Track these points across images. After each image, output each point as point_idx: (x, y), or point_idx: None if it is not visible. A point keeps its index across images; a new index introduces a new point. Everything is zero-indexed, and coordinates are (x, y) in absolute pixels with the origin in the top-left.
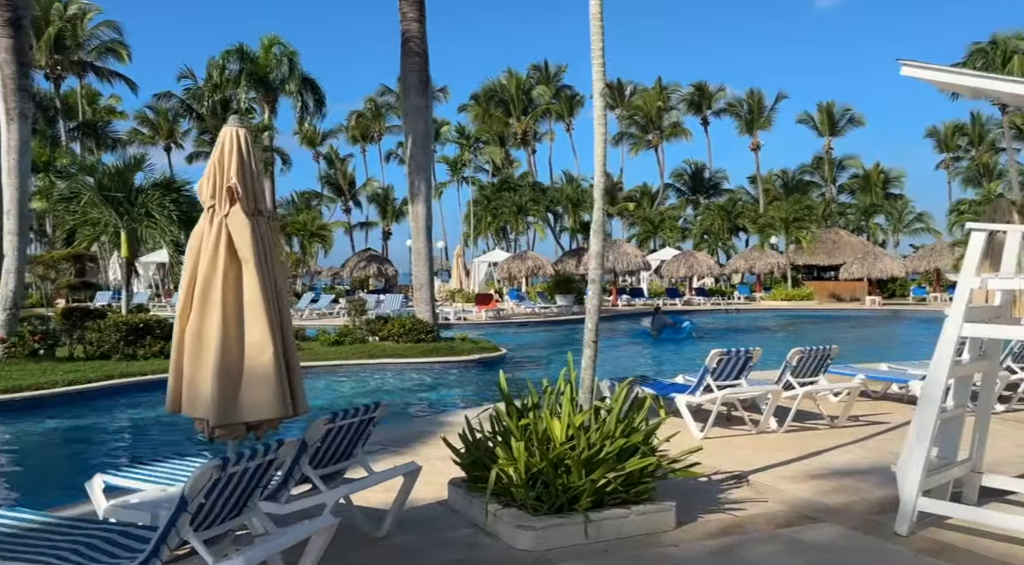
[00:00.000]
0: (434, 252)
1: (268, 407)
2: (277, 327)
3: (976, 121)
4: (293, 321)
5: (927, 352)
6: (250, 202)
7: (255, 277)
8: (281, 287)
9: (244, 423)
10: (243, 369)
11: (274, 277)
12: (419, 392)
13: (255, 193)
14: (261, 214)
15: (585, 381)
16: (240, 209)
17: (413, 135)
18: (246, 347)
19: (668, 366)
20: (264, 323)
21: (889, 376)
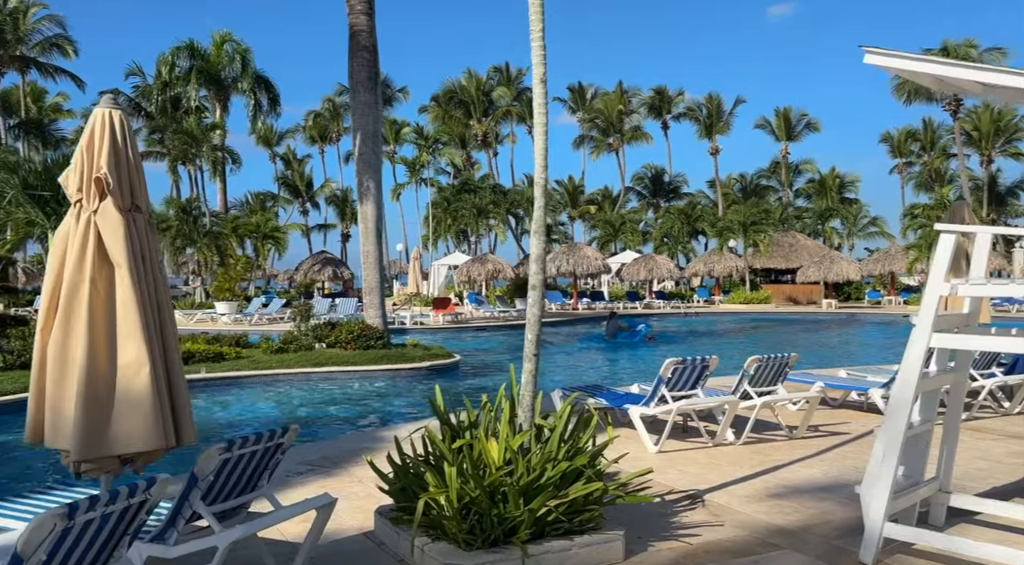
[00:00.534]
0: (394, 255)
1: (143, 438)
2: (157, 343)
3: (928, 127)
4: (245, 326)
5: (884, 356)
6: (125, 196)
7: (130, 284)
8: (163, 297)
9: (117, 456)
10: (114, 393)
11: (154, 284)
12: (365, 402)
13: (132, 186)
14: (139, 211)
15: (525, 398)
16: (112, 204)
17: (362, 132)
18: (118, 367)
19: (625, 372)
20: (140, 338)
21: (848, 384)
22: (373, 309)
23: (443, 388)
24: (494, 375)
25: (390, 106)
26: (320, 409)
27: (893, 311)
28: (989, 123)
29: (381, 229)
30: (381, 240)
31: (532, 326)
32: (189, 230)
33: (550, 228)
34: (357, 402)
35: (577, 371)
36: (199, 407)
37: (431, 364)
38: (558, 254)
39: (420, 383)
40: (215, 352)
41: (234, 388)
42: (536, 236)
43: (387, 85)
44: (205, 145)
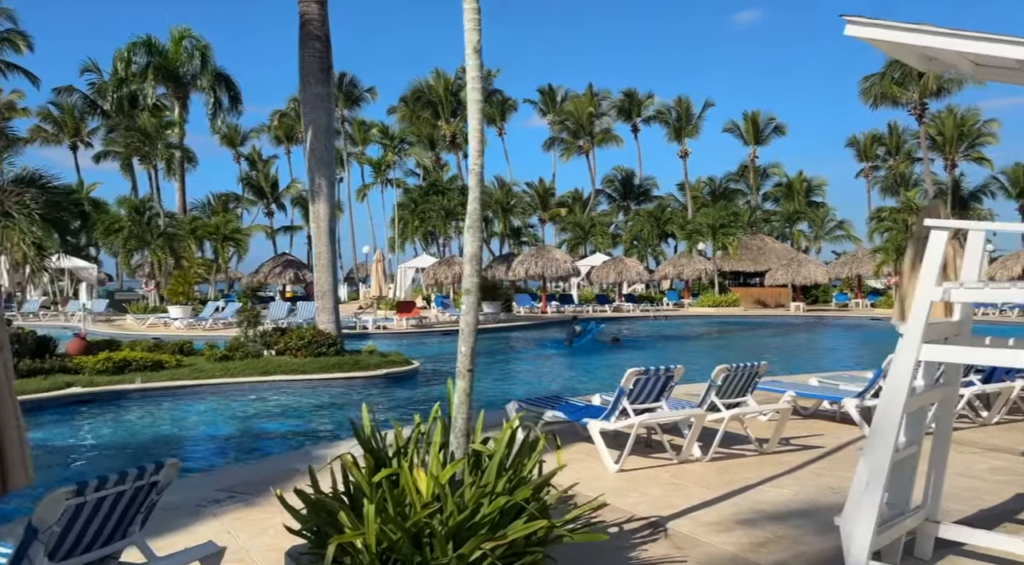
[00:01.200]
0: (361, 258)
1: None
2: None
3: (893, 131)
4: (198, 331)
5: (855, 361)
6: None
7: None
8: None
9: None
10: None
11: None
12: (312, 414)
13: None
14: None
15: (458, 422)
16: None
17: (314, 127)
18: None
19: (590, 379)
20: None
21: (820, 393)
22: (326, 314)
23: (398, 399)
24: None
25: (358, 106)
26: (261, 422)
27: (860, 314)
28: (953, 128)
29: (334, 229)
30: (334, 241)
31: (466, 337)
32: (142, 231)
33: (518, 230)
34: (303, 414)
35: (541, 379)
36: (129, 421)
37: (387, 372)
38: (527, 257)
39: (375, 392)
40: (154, 360)
41: (171, 400)
42: (470, 232)
43: (354, 85)
44: (159, 143)
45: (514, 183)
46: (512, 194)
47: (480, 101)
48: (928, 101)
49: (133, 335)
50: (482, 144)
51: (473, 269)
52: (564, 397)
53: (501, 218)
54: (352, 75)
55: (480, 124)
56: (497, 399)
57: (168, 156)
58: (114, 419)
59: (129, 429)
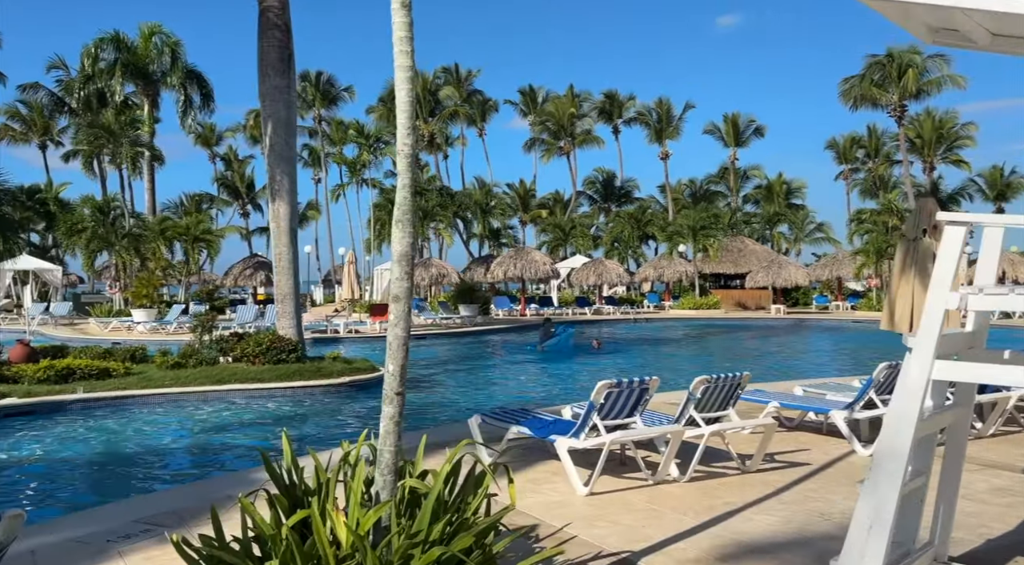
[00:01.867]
0: (339, 260)
1: None
2: None
3: (873, 134)
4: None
5: (838, 365)
6: None
7: None
8: None
9: None
10: None
11: None
12: (265, 428)
13: None
14: None
15: (384, 456)
16: None
17: (273, 121)
18: None
19: (566, 386)
20: None
21: (806, 405)
22: (286, 318)
23: (360, 408)
24: (425, 390)
25: (335, 106)
26: (206, 437)
27: (841, 316)
28: (931, 130)
29: (296, 229)
30: (296, 241)
31: (394, 354)
32: (106, 232)
33: (498, 232)
34: (254, 428)
35: (513, 386)
36: (63, 436)
37: (351, 380)
38: (505, 258)
39: (337, 402)
40: (101, 368)
41: (115, 411)
42: (399, 227)
43: (332, 84)
44: (124, 140)
45: (495, 184)
46: (492, 195)
47: (410, 67)
48: (908, 103)
49: (93, 340)
50: (412, 121)
51: (403, 271)
52: (532, 410)
53: (480, 219)
54: (330, 74)
55: (410, 96)
56: (466, 408)
57: (133, 154)
58: (46, 434)
59: (60, 445)
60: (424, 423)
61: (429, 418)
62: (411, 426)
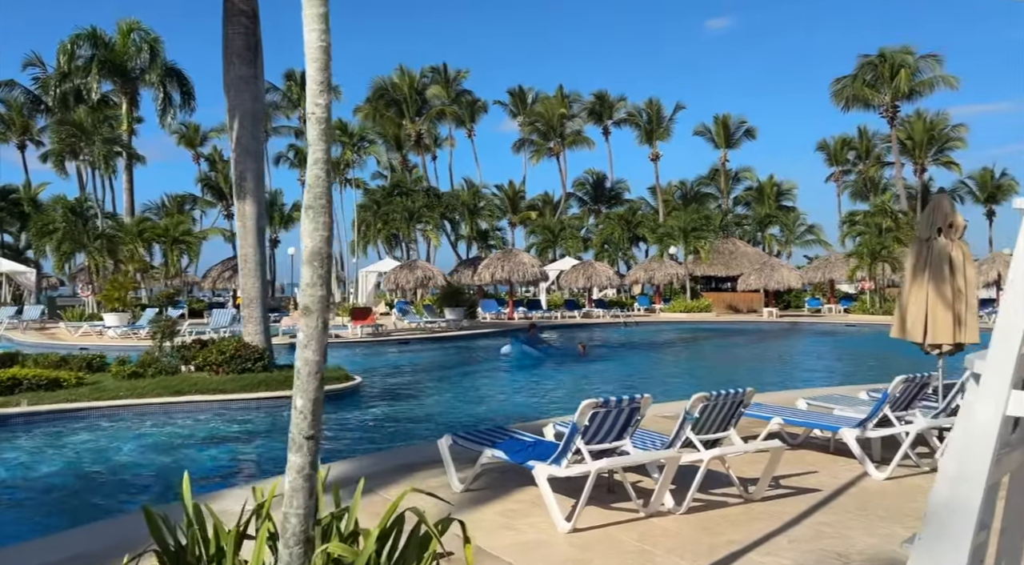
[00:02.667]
0: None
1: None
2: None
3: (863, 136)
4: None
5: (838, 372)
6: None
7: None
8: None
9: None
10: None
11: None
12: (220, 445)
13: None
14: None
15: (290, 521)
16: None
17: (239, 113)
18: None
19: (549, 396)
20: None
21: (814, 421)
22: (253, 324)
23: (329, 423)
24: (403, 402)
25: None
26: (153, 457)
27: (835, 320)
28: (923, 132)
29: (264, 228)
30: (264, 242)
31: (304, 385)
32: (77, 233)
33: (486, 233)
34: (208, 445)
35: (493, 399)
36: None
37: None
38: (493, 260)
39: None
40: (51, 378)
41: (61, 425)
42: (310, 215)
43: None
44: (96, 138)
45: (484, 185)
46: (480, 195)
47: (322, 16)
48: (900, 103)
49: (61, 345)
50: (327, 75)
51: (315, 274)
52: (509, 429)
53: (468, 220)
54: None
55: (323, 40)
56: (443, 421)
57: (106, 152)
58: None
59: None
60: (397, 438)
61: (402, 432)
62: (385, 438)
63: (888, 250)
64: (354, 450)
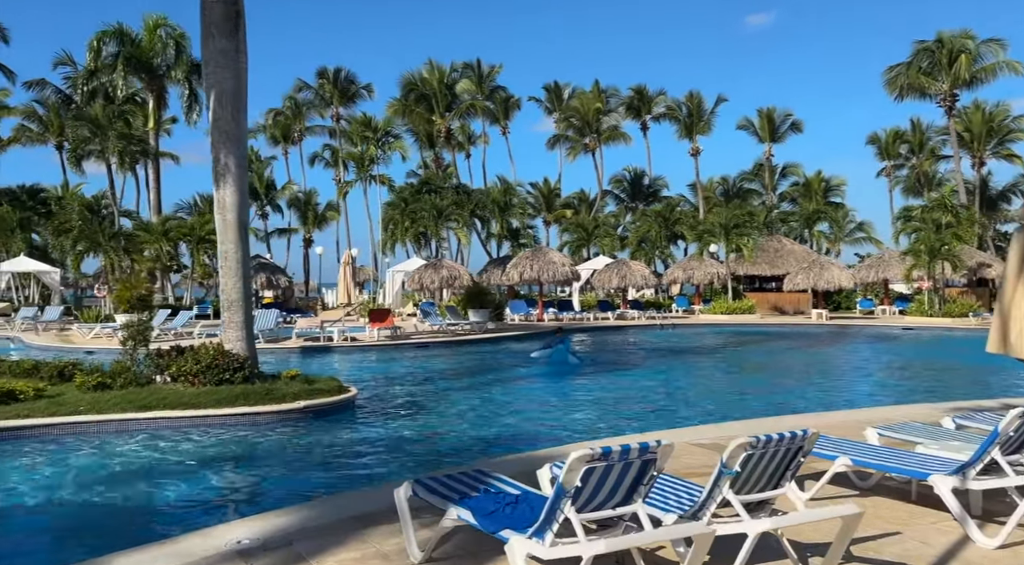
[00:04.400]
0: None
1: None
2: None
3: (917, 128)
4: None
5: (906, 386)
6: None
7: None
8: None
9: None
10: None
11: None
12: (175, 475)
13: None
14: None
15: None
16: None
17: (217, 91)
18: None
19: (561, 413)
20: None
21: (894, 465)
22: (234, 329)
23: (309, 447)
24: (402, 419)
25: (354, 104)
26: (97, 491)
27: (890, 322)
28: (981, 124)
29: (246, 222)
30: (246, 237)
31: None
32: (93, 231)
33: (517, 232)
34: (161, 475)
35: (520, 411)
36: None
37: (307, 404)
38: (521, 259)
39: (286, 434)
40: (7, 390)
41: (8, 447)
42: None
43: (351, 81)
44: (111, 134)
45: (518, 183)
46: (511, 191)
47: None
48: (959, 91)
49: (69, 348)
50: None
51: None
52: (488, 475)
53: (498, 217)
54: (348, 71)
55: None
56: (443, 447)
57: (121, 148)
58: None
59: None
60: (382, 468)
61: (393, 460)
62: (365, 470)
63: (948, 247)
64: (316, 487)
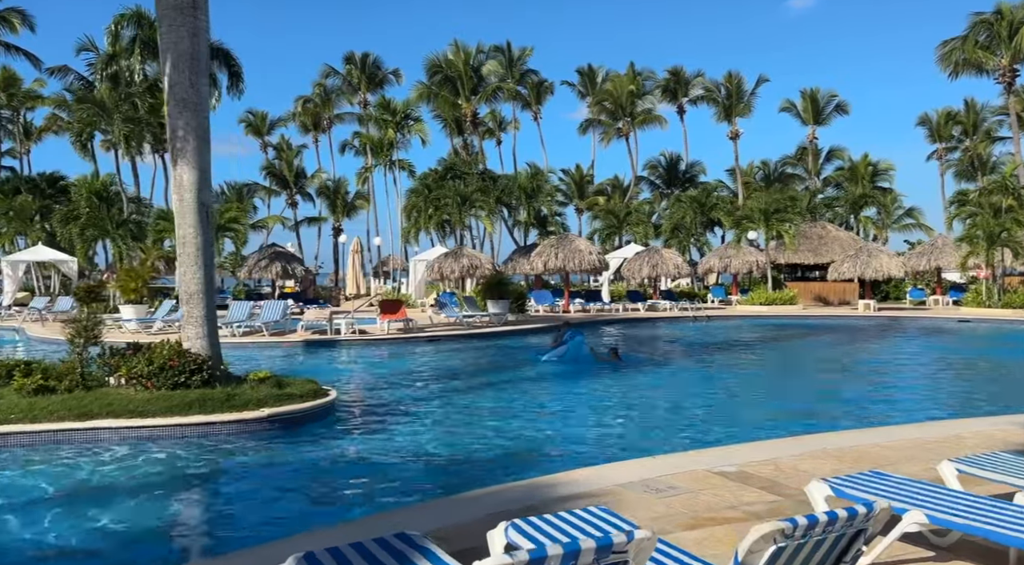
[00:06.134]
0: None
1: None
2: None
3: (970, 108)
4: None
5: (978, 390)
6: None
7: None
8: None
9: None
10: None
11: None
12: (106, 505)
13: None
14: None
15: None
16: None
17: (173, 54)
18: None
19: (565, 416)
20: None
21: (984, 526)
22: (193, 325)
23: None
24: (384, 431)
25: (381, 90)
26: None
27: (943, 314)
28: None
29: (208, 204)
30: (208, 220)
31: None
32: (101, 219)
33: (545, 220)
34: (87, 501)
35: (527, 418)
36: None
37: (273, 412)
38: (546, 247)
39: (248, 449)
40: None
41: None
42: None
43: (377, 66)
44: (117, 117)
45: (550, 170)
46: (539, 176)
47: None
48: (1020, 67)
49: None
50: None
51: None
52: (414, 547)
53: (525, 204)
54: (376, 56)
55: None
56: (432, 465)
57: (127, 132)
58: None
59: None
60: (342, 501)
61: (361, 485)
62: (322, 491)
63: (1008, 233)
64: (238, 529)
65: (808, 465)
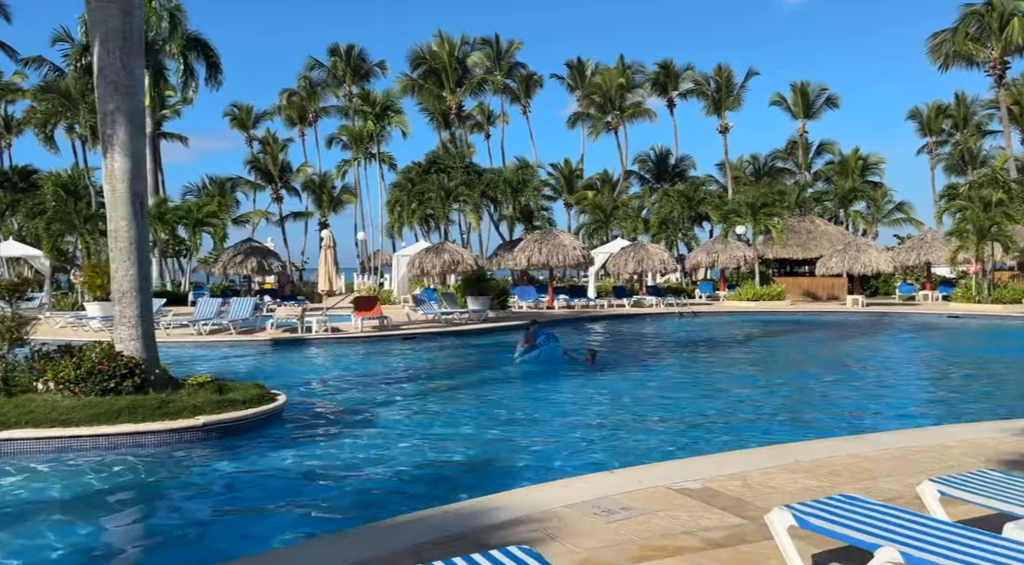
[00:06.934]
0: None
1: None
2: None
3: (961, 102)
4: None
5: (968, 390)
6: None
7: None
8: None
9: None
10: None
11: None
12: (26, 524)
13: None
14: None
15: None
16: None
17: (102, 32)
18: None
19: (537, 426)
20: None
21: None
22: (126, 326)
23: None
24: (334, 439)
25: (367, 82)
26: None
27: (933, 309)
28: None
29: (142, 194)
30: (142, 212)
31: None
32: (68, 213)
33: (531, 214)
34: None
35: (490, 423)
36: None
37: (209, 421)
38: (529, 242)
39: (180, 462)
40: None
41: None
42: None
43: (363, 59)
44: (83, 107)
45: (538, 165)
46: (526, 170)
47: None
48: (1010, 59)
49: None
50: None
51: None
52: None
53: (511, 199)
54: (361, 48)
55: None
56: (387, 478)
57: (93, 122)
58: None
59: None
60: (271, 516)
61: (302, 503)
62: (248, 514)
63: (998, 227)
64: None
65: (780, 480)
